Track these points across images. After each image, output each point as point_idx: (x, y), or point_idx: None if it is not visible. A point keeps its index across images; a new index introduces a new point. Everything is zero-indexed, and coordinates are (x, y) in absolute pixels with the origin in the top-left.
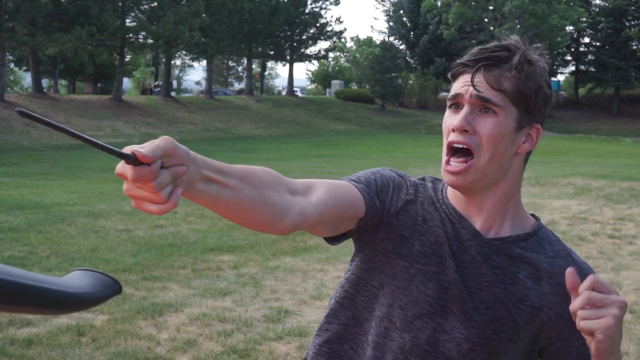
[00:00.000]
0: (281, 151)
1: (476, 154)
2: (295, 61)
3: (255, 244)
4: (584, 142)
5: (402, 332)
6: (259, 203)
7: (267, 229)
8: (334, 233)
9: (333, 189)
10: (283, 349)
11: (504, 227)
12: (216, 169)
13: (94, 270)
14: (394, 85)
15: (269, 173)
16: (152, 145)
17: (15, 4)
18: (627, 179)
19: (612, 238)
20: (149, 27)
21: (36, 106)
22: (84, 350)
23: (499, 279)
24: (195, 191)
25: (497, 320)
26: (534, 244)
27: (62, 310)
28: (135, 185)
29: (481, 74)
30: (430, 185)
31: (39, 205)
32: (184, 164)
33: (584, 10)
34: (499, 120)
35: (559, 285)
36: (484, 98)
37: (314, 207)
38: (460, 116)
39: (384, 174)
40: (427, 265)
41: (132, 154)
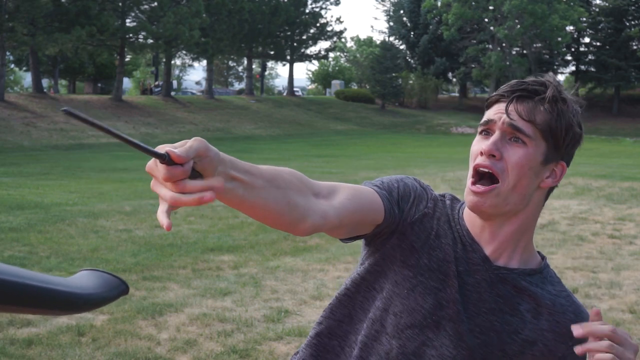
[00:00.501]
0: (281, 151)
1: (501, 180)
2: (295, 61)
3: (256, 244)
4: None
5: (391, 338)
6: (283, 204)
7: (289, 229)
8: (350, 235)
9: (356, 195)
10: (283, 349)
11: (514, 259)
12: (244, 170)
13: (101, 270)
14: (394, 85)
15: (294, 175)
16: (186, 146)
17: (15, 4)
18: (628, 179)
19: (612, 238)
20: (149, 27)
21: (36, 106)
22: (84, 350)
23: (499, 308)
24: (223, 191)
25: (487, 346)
26: (538, 281)
27: (69, 311)
28: (165, 184)
29: (515, 104)
30: (448, 203)
31: (39, 205)
32: (214, 165)
33: (584, 10)
34: (528, 151)
35: (557, 323)
36: (516, 127)
37: (335, 211)
38: (490, 140)
39: (408, 183)
40: (429, 279)
41: (167, 154)
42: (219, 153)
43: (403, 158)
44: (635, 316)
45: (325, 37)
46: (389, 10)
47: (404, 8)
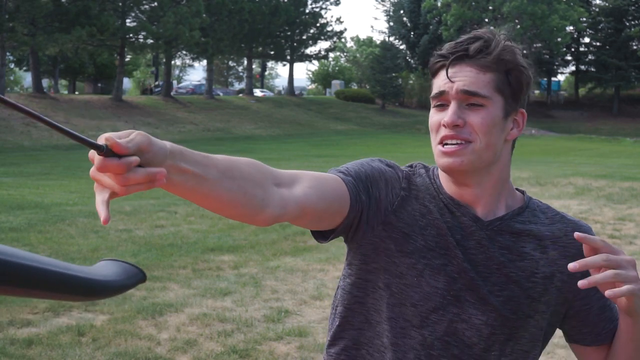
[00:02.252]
0: (281, 151)
1: (472, 140)
2: (295, 61)
3: (256, 244)
4: (584, 142)
5: (419, 329)
6: (239, 195)
7: (247, 220)
8: (318, 227)
9: (319, 183)
10: (283, 349)
11: (500, 208)
12: (195, 161)
13: (119, 260)
14: (394, 85)
15: (252, 165)
16: (127, 139)
17: (16, 4)
18: (628, 179)
19: (613, 238)
20: (149, 27)
21: (36, 106)
22: (84, 350)
23: (507, 259)
24: (171, 183)
25: (512, 300)
26: (529, 216)
27: (92, 297)
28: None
29: (462, 67)
30: (423, 172)
31: (39, 205)
32: (160, 159)
33: (584, 11)
34: (488, 111)
35: (564, 247)
36: (470, 92)
37: (296, 200)
38: (449, 112)
39: (374, 166)
40: (433, 259)
41: (105, 145)
42: (165, 146)
43: (403, 158)
44: None
45: (325, 37)
46: (389, 10)
47: (404, 8)
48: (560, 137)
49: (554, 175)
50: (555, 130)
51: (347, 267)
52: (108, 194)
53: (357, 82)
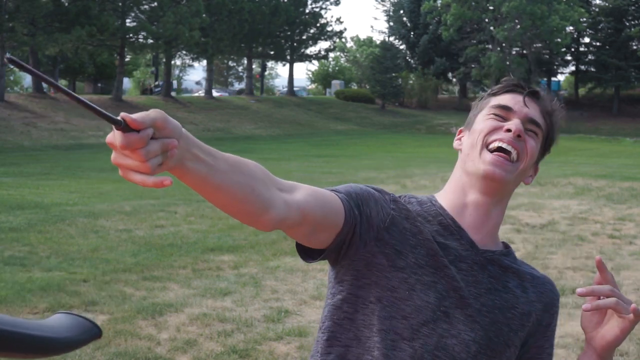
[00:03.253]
0: (281, 151)
1: (520, 159)
2: (295, 61)
3: (256, 244)
4: (584, 142)
5: (410, 342)
6: (247, 191)
7: (252, 220)
8: (311, 239)
9: (317, 193)
10: (283, 349)
11: (492, 243)
12: (207, 151)
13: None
14: (394, 85)
15: (258, 166)
16: (143, 114)
17: (15, 4)
18: (628, 179)
19: (612, 238)
20: (149, 27)
21: (36, 106)
22: (84, 350)
23: (494, 287)
24: (185, 168)
25: (496, 324)
26: (512, 259)
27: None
28: (124, 153)
29: (531, 102)
30: (414, 201)
31: (39, 205)
32: (174, 137)
33: (584, 11)
34: (537, 143)
35: (541, 294)
36: (535, 122)
37: (298, 205)
38: (516, 122)
39: (362, 187)
40: (424, 275)
41: (122, 119)
42: (181, 128)
43: (403, 158)
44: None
45: (325, 37)
46: (389, 11)
47: (404, 8)
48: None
49: (554, 175)
50: None
51: (336, 285)
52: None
53: (357, 82)
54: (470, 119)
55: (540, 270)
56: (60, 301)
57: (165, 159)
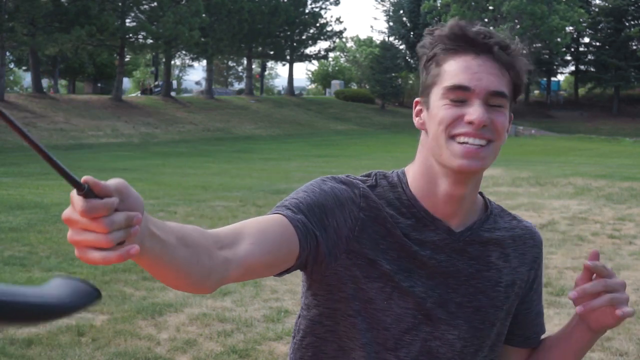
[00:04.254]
0: (281, 151)
1: (494, 139)
2: (295, 61)
3: None
4: (584, 142)
5: (394, 352)
6: (192, 264)
7: (193, 290)
8: (273, 273)
9: (262, 236)
10: (283, 349)
11: (469, 218)
12: (159, 226)
13: (72, 277)
14: (394, 85)
15: (197, 230)
16: (105, 182)
17: (15, 4)
18: (627, 179)
19: (612, 238)
20: (149, 27)
21: (36, 106)
22: (84, 350)
23: (475, 269)
24: (143, 248)
25: (480, 310)
26: (492, 223)
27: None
28: (82, 222)
29: (486, 62)
30: (384, 184)
31: (39, 205)
32: (137, 210)
33: (584, 11)
34: (505, 113)
35: (522, 255)
36: (499, 93)
37: (239, 261)
38: (478, 110)
39: (327, 190)
40: (400, 281)
41: (86, 183)
42: (143, 202)
43: (403, 158)
44: (635, 316)
45: (325, 37)
46: (388, 10)
47: (404, 8)
48: (560, 137)
49: (553, 175)
50: (555, 130)
51: (310, 297)
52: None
53: (356, 82)
54: (425, 88)
55: None
56: None
57: (129, 235)
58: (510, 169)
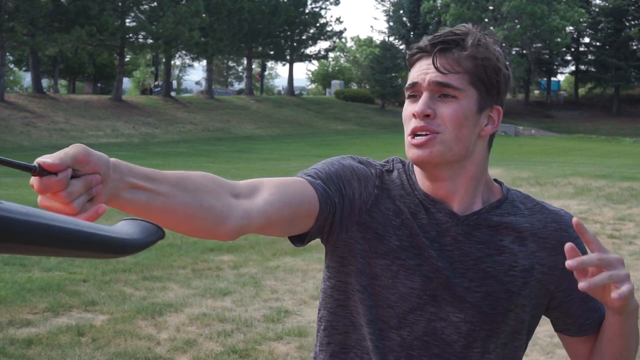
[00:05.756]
0: (281, 151)
1: (441, 131)
2: (295, 61)
3: (256, 244)
4: (584, 142)
5: (397, 330)
6: (195, 208)
7: (209, 234)
8: (292, 233)
9: (281, 189)
10: (283, 349)
11: (476, 203)
12: (145, 176)
13: (138, 219)
14: (394, 85)
15: (206, 177)
16: (61, 154)
17: (15, 4)
18: (627, 179)
19: (612, 238)
20: (149, 27)
21: (36, 106)
22: (84, 350)
23: (485, 253)
24: (123, 200)
25: (490, 295)
26: (508, 208)
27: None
28: (46, 196)
29: (437, 59)
30: (400, 167)
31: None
32: (99, 172)
33: (584, 11)
34: (461, 103)
35: (543, 240)
36: (442, 83)
37: (259, 209)
38: (420, 102)
39: (345, 164)
40: (407, 259)
41: (37, 164)
42: (107, 159)
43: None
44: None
45: (325, 37)
46: (388, 11)
47: (404, 8)
48: (560, 137)
49: (553, 175)
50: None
51: (326, 270)
52: None
53: (356, 82)
54: None
55: None
56: (60, 301)
57: (92, 196)
58: (510, 169)
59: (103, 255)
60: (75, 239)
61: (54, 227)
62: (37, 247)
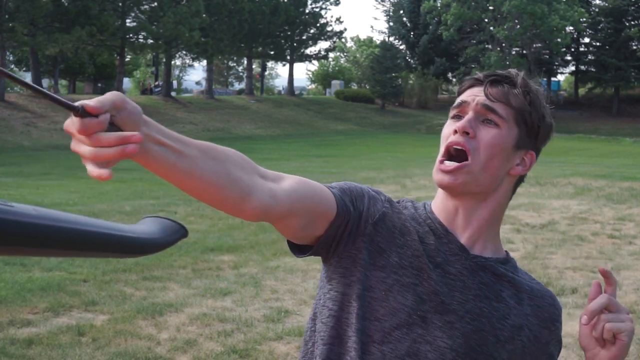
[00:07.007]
0: (281, 151)
1: (471, 157)
2: (295, 61)
3: (256, 244)
4: (584, 142)
5: (380, 345)
6: (222, 176)
7: (234, 209)
8: (302, 233)
9: (304, 183)
10: (283, 349)
11: (487, 249)
12: (174, 137)
13: (162, 217)
14: (394, 85)
15: (236, 153)
16: (101, 98)
17: (16, 4)
18: (627, 179)
19: (612, 238)
20: (149, 27)
21: (36, 106)
22: (84, 350)
23: (484, 294)
24: (150, 156)
25: (480, 332)
26: (511, 268)
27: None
28: (80, 138)
29: (489, 88)
30: (410, 205)
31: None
32: (134, 119)
33: (584, 11)
34: (501, 132)
35: (539, 308)
36: (489, 107)
37: (285, 194)
38: (464, 119)
39: (357, 185)
40: (404, 276)
41: (80, 106)
42: (141, 112)
43: (403, 158)
44: (636, 316)
45: (325, 37)
46: (388, 11)
47: (404, 8)
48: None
49: (553, 175)
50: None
51: (327, 284)
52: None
53: (357, 82)
54: None
55: (540, 271)
56: (60, 301)
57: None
58: None
59: (121, 255)
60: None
61: (71, 229)
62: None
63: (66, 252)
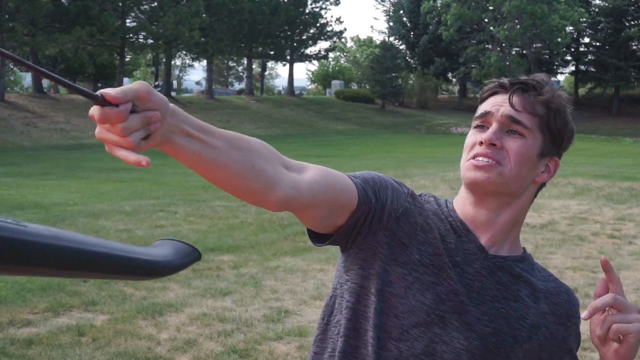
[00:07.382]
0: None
1: (503, 164)
2: (295, 61)
3: (256, 244)
4: (584, 142)
5: (397, 342)
6: (247, 167)
7: (258, 198)
8: (324, 223)
9: (326, 173)
10: (283, 349)
11: (504, 248)
12: (200, 127)
13: (175, 239)
14: (394, 85)
15: (260, 142)
16: (124, 88)
17: (16, 4)
18: (627, 179)
19: (612, 238)
20: (149, 27)
21: (36, 106)
22: (84, 350)
23: (502, 295)
24: (176, 145)
25: (498, 334)
26: (528, 267)
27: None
28: (104, 127)
29: (513, 97)
30: (432, 200)
31: (39, 205)
32: (159, 110)
33: (584, 11)
34: (526, 142)
35: (555, 305)
36: (514, 119)
37: (308, 184)
38: (489, 130)
39: (381, 176)
40: (424, 274)
41: (100, 94)
42: (167, 102)
43: (403, 158)
44: None
45: (325, 37)
46: (388, 11)
47: (404, 8)
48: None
49: None
50: None
51: (344, 275)
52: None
53: (357, 82)
54: None
55: None
56: (60, 301)
57: (149, 133)
58: None
59: (135, 278)
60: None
61: (85, 250)
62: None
63: (79, 274)
